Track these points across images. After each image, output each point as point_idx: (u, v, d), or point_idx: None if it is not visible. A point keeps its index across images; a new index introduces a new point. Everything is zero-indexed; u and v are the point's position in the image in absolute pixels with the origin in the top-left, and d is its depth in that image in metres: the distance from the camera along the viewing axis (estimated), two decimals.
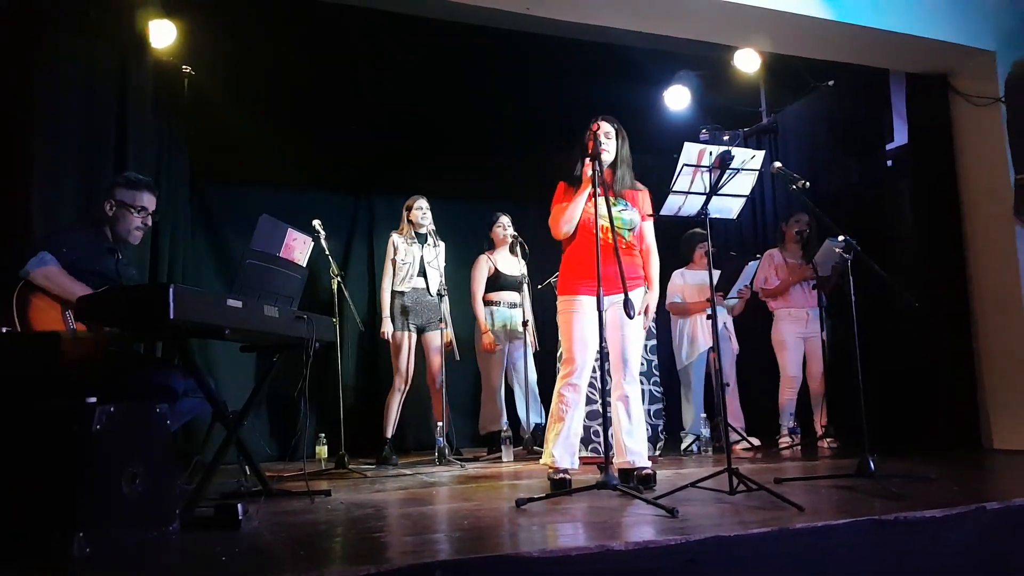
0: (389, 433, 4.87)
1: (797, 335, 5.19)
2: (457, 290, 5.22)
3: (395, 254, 4.99)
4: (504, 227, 5.21)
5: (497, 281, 5.20)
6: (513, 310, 5.15)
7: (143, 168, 4.14)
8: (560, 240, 3.40)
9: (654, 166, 4.88)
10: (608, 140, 3.29)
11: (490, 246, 5.31)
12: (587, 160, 3.04)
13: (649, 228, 3.48)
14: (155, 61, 4.44)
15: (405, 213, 5.07)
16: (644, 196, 3.46)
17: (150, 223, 3.18)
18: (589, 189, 3.06)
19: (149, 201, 3.14)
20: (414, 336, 4.96)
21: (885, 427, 4.49)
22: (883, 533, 2.23)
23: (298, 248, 3.31)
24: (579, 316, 3.23)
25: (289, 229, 3.25)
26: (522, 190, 5.81)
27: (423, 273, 4.94)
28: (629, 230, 3.36)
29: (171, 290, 2.30)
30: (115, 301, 2.47)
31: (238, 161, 5.29)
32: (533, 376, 5.21)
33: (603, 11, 4.14)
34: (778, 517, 2.33)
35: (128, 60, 4.22)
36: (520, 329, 5.10)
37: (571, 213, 3.26)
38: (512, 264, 5.21)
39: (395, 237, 5.04)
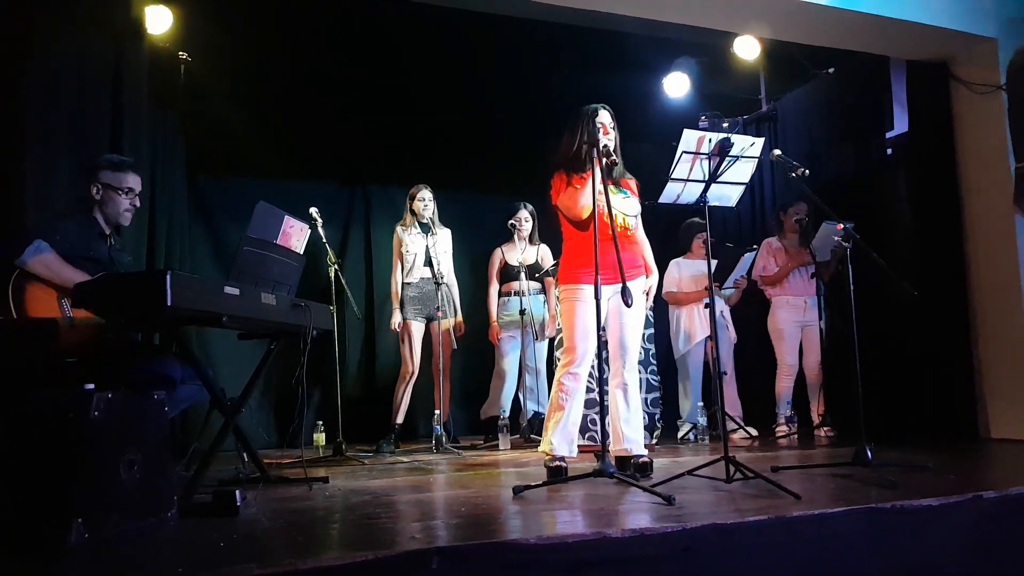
0: (398, 421, 4.89)
1: (794, 323, 5.19)
2: (458, 279, 5.22)
3: (401, 246, 4.99)
4: (519, 220, 5.20)
5: (507, 272, 5.24)
6: (523, 299, 5.13)
7: (138, 156, 4.12)
8: (570, 227, 3.35)
9: (653, 154, 4.87)
10: (610, 131, 3.27)
11: (509, 236, 5.31)
12: (594, 151, 3.03)
13: None
14: (151, 47, 4.40)
15: (408, 203, 5.05)
16: (635, 184, 3.47)
17: (138, 204, 3.19)
18: (595, 175, 3.03)
19: (135, 182, 3.15)
20: (422, 325, 4.97)
21: (882, 416, 4.50)
22: (879, 522, 2.24)
23: (295, 235, 3.30)
24: (581, 305, 3.22)
25: (286, 216, 3.24)
26: (520, 179, 5.76)
27: (429, 263, 4.92)
28: (635, 216, 3.35)
29: (168, 277, 2.29)
30: (113, 288, 2.46)
31: (235, 149, 5.25)
32: (540, 365, 5.21)
33: None
34: (774, 505, 2.33)
35: (123, 46, 4.18)
36: (533, 317, 5.08)
37: (586, 197, 3.17)
38: (525, 254, 5.19)
39: (399, 229, 5.04)
